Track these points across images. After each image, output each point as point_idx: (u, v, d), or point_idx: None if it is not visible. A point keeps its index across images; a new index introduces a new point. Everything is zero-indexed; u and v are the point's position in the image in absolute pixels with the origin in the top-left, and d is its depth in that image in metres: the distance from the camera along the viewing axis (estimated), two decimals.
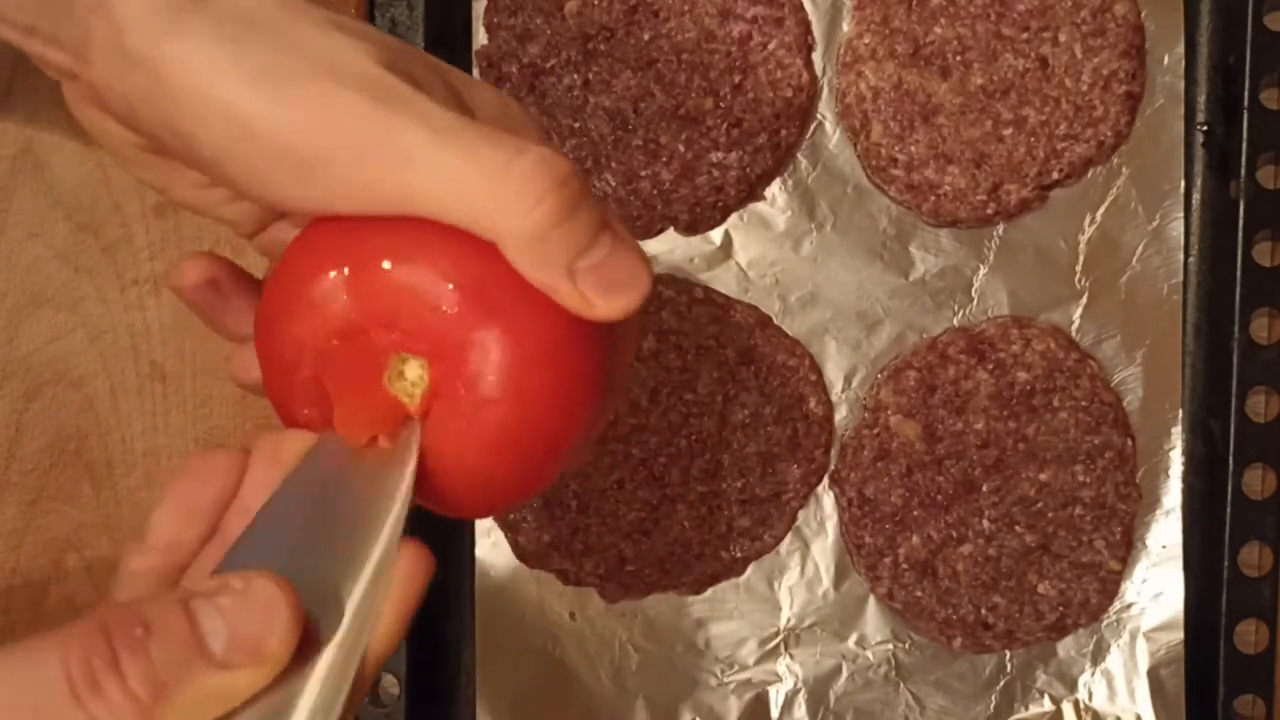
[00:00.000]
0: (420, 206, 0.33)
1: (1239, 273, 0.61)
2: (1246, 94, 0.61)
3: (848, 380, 0.63)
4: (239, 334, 0.41)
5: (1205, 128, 0.64)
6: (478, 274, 0.34)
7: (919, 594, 0.62)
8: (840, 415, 0.63)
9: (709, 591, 0.63)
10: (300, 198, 0.34)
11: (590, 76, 0.61)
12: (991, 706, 0.62)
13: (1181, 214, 0.62)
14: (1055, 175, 0.62)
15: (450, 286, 0.33)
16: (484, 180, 0.33)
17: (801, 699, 0.62)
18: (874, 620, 0.63)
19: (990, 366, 0.62)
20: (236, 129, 0.33)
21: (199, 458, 0.37)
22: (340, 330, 0.34)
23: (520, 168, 0.33)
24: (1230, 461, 0.61)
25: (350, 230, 0.34)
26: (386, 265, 0.34)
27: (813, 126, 0.63)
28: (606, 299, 0.34)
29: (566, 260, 0.33)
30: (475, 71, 0.62)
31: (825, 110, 0.63)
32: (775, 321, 0.62)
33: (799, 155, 0.62)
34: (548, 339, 0.34)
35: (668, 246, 0.62)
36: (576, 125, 0.61)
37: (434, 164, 0.33)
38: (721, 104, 0.61)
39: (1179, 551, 0.62)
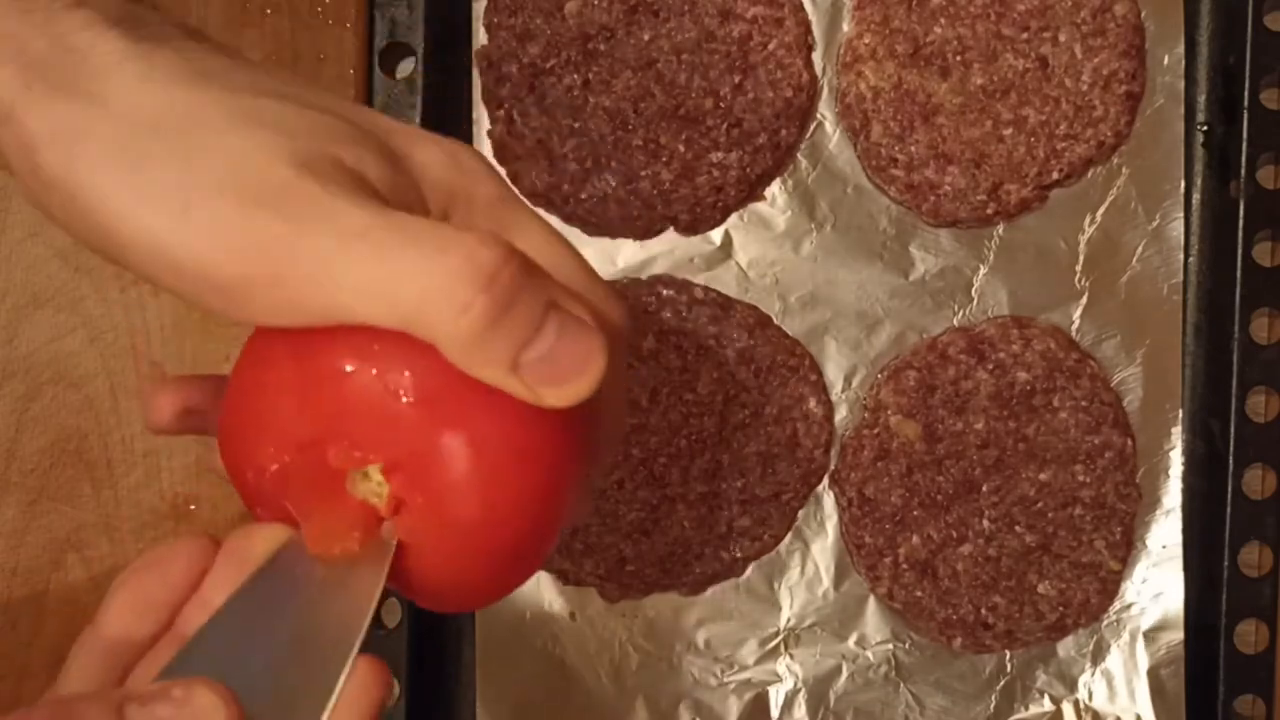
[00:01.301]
0: (350, 318, 0.31)
1: (1239, 273, 0.61)
2: (1246, 94, 0.61)
3: (848, 380, 0.63)
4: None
5: (1205, 128, 0.64)
6: (427, 376, 0.32)
7: (919, 594, 0.62)
8: (840, 415, 0.63)
9: (709, 591, 0.63)
10: (236, 316, 0.32)
11: (590, 76, 0.61)
12: (991, 706, 0.62)
13: (1181, 214, 0.62)
14: (1055, 175, 0.62)
15: (400, 393, 0.32)
16: (408, 286, 0.30)
17: (801, 699, 0.62)
18: (874, 620, 0.63)
19: (990, 366, 0.62)
20: (152, 255, 0.31)
21: (163, 549, 0.35)
22: (296, 445, 0.33)
23: (445, 269, 0.30)
24: (1230, 461, 0.61)
25: (295, 339, 0.32)
26: (336, 373, 0.32)
27: (813, 126, 0.63)
28: (556, 389, 0.31)
29: (509, 357, 0.31)
30: (475, 71, 0.62)
31: (825, 110, 0.63)
32: (775, 321, 0.62)
33: (799, 155, 0.62)
34: (508, 435, 0.32)
35: (668, 246, 0.62)
36: (576, 125, 0.61)
37: (350, 277, 0.30)
38: (721, 104, 0.61)
39: (1179, 551, 0.62)
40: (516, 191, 0.38)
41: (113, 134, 0.31)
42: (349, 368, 0.32)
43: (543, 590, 0.62)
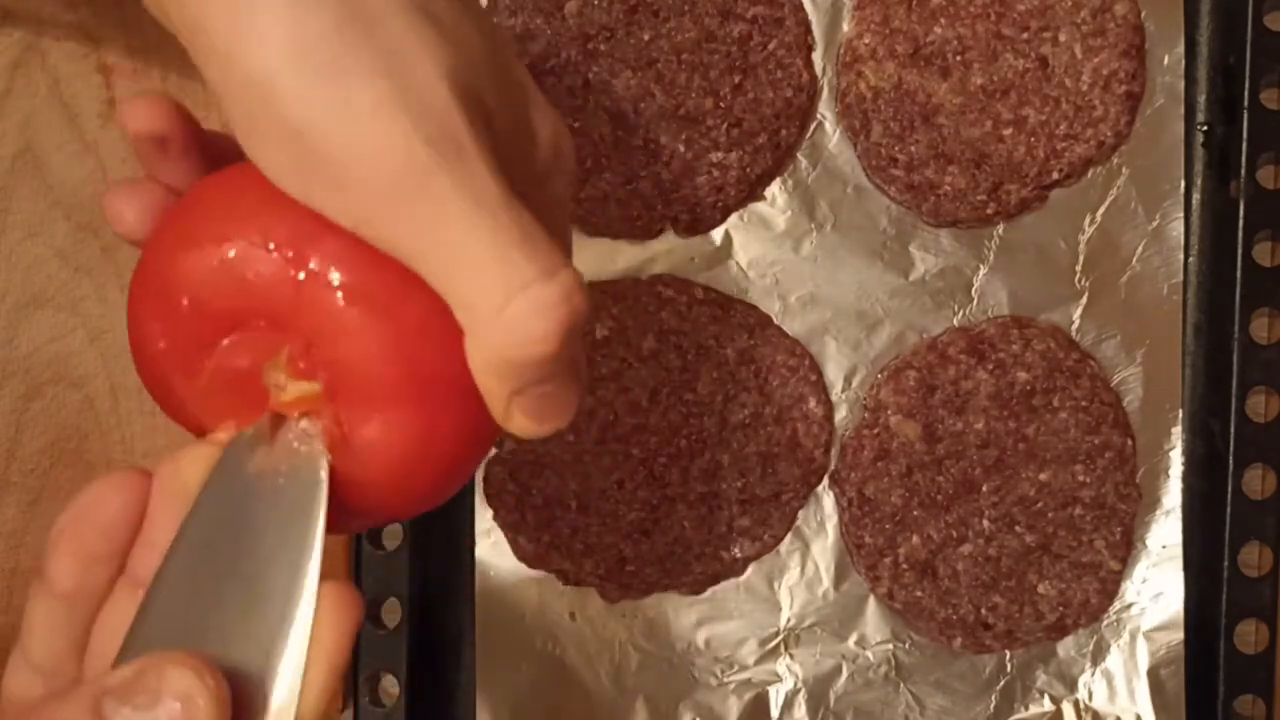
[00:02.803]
0: (417, 265, 0.31)
1: (1239, 273, 0.61)
2: (1246, 94, 0.61)
3: (848, 380, 0.63)
4: (169, 185, 0.36)
5: (1205, 128, 0.64)
6: (411, 330, 0.31)
7: (919, 594, 0.62)
8: (840, 415, 0.63)
9: (709, 591, 0.63)
10: (287, 180, 0.31)
11: (590, 76, 0.61)
12: (991, 706, 0.62)
13: (1181, 214, 0.62)
14: (1055, 175, 0.62)
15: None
16: (497, 286, 0.30)
17: (801, 699, 0.62)
18: (874, 620, 0.63)
19: (990, 366, 0.62)
20: (260, 92, 0.30)
21: (92, 492, 0.33)
22: (237, 308, 0.32)
23: (531, 298, 0.31)
24: (1230, 461, 0.61)
25: (299, 214, 0.31)
26: (330, 259, 0.31)
27: (813, 126, 0.63)
28: (529, 422, 0.33)
29: (519, 386, 0.32)
30: None
31: (825, 110, 0.63)
32: (775, 321, 0.62)
33: (799, 155, 0.62)
34: (451, 427, 0.33)
35: (668, 246, 0.62)
36: (576, 125, 0.61)
37: (462, 238, 0.30)
38: (721, 104, 0.61)
39: (1179, 551, 0.62)
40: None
41: None
42: (341, 266, 0.31)
43: (543, 590, 0.62)
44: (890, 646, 0.63)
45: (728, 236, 0.62)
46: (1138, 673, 0.62)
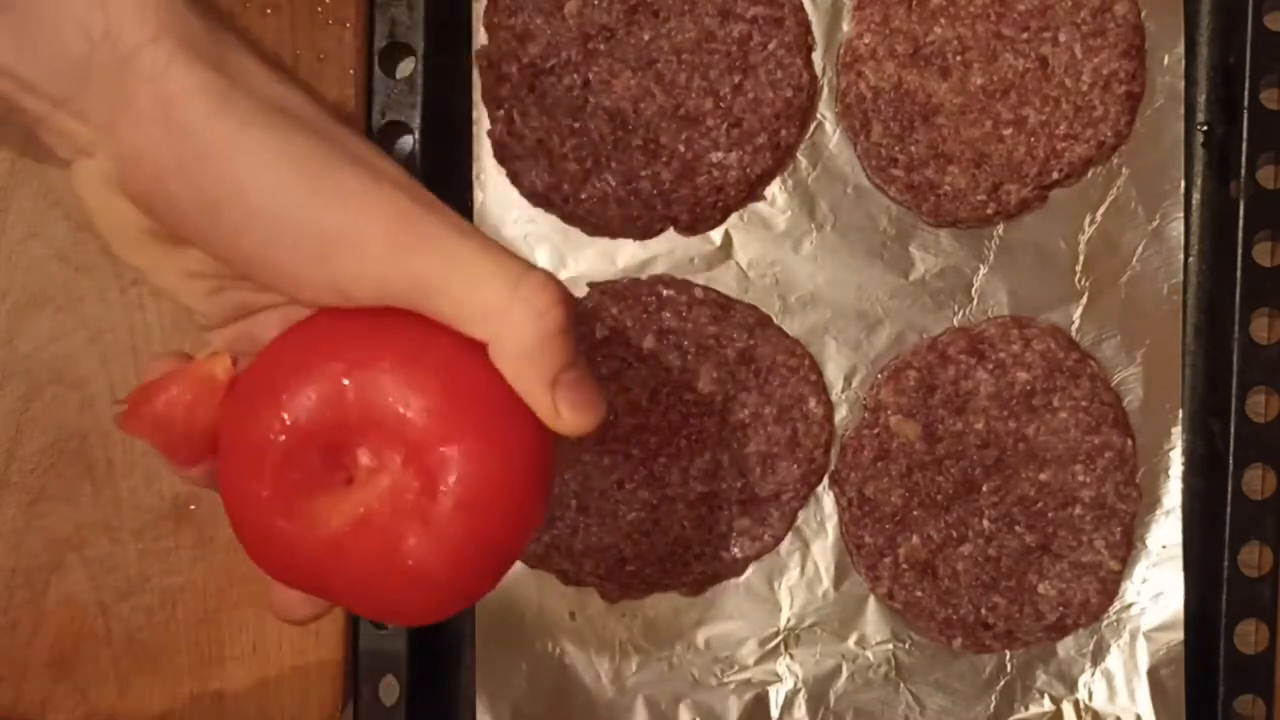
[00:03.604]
0: (433, 299, 0.36)
1: (1239, 273, 0.61)
2: (1246, 94, 0.61)
3: (848, 380, 0.63)
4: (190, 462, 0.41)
5: (1205, 128, 0.64)
6: (459, 382, 0.36)
7: (919, 594, 0.62)
8: (840, 415, 0.63)
9: (709, 591, 0.63)
10: (310, 278, 0.37)
11: (590, 76, 0.61)
12: (991, 706, 0.62)
13: (1181, 214, 0.62)
14: (1055, 175, 0.62)
15: (430, 396, 0.36)
16: (501, 282, 0.36)
17: (801, 699, 0.62)
18: (874, 620, 0.63)
19: (990, 366, 0.62)
20: (273, 205, 0.36)
21: None
22: (315, 428, 0.36)
23: (532, 280, 0.36)
24: (1230, 461, 0.61)
25: (343, 329, 0.37)
26: (381, 368, 0.36)
27: (813, 126, 0.63)
28: (574, 414, 0.37)
29: (554, 370, 0.37)
30: (475, 71, 0.62)
31: (825, 110, 0.63)
32: (775, 321, 0.62)
33: (799, 155, 0.62)
34: (516, 452, 0.37)
35: (668, 246, 0.62)
36: (576, 125, 0.61)
37: (461, 257, 0.36)
38: (721, 104, 0.61)
39: (1179, 551, 0.62)
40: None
41: (256, 102, 0.36)
42: (397, 362, 0.36)
43: (543, 590, 0.62)
44: (890, 646, 0.63)
45: (728, 236, 0.62)
46: (1138, 673, 0.62)
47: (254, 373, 0.38)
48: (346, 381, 0.36)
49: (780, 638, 0.63)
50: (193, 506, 0.61)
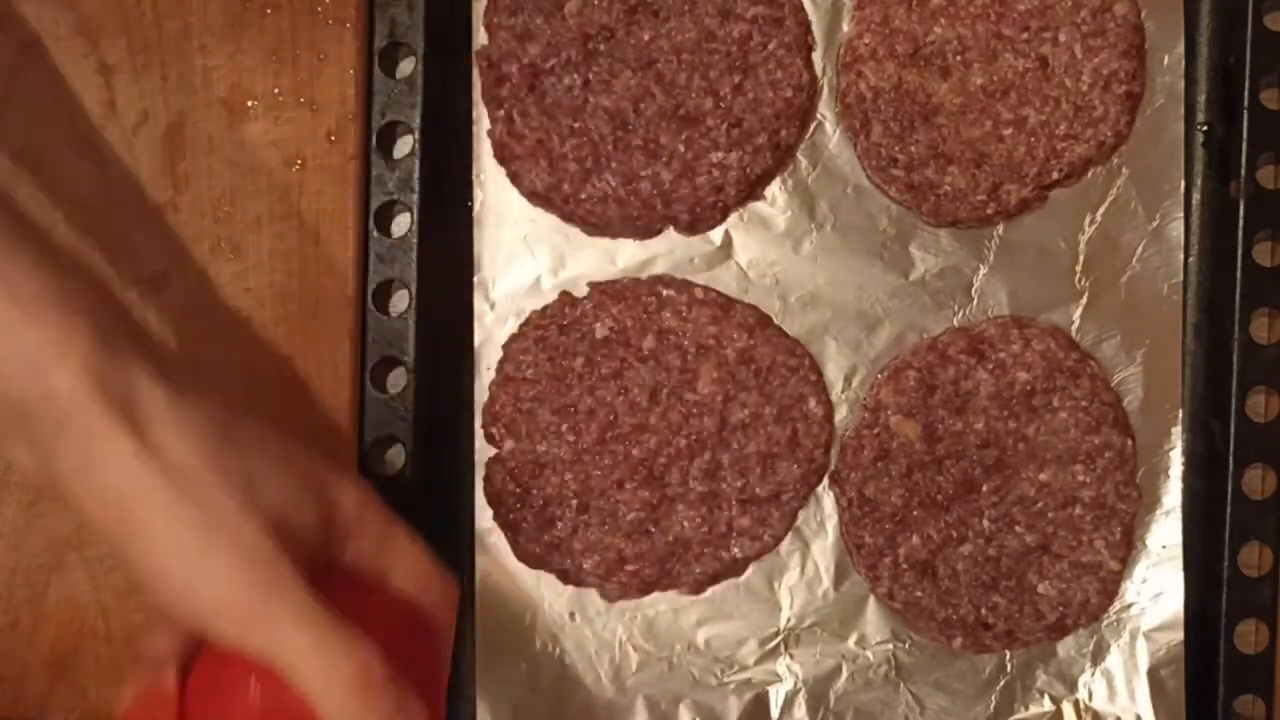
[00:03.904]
0: (274, 661, 0.45)
1: (1239, 273, 0.61)
2: (1246, 94, 0.61)
3: (848, 380, 0.63)
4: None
5: (1205, 128, 0.64)
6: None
7: (919, 594, 0.62)
8: (840, 415, 0.63)
9: (709, 591, 0.63)
10: (192, 625, 0.47)
11: (590, 76, 0.61)
12: (991, 706, 0.62)
13: (1181, 214, 0.62)
14: (1055, 175, 0.62)
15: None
16: (323, 669, 0.45)
17: (801, 699, 0.62)
18: (874, 620, 0.63)
19: (990, 366, 0.62)
20: (162, 569, 0.45)
21: None
22: None
23: (350, 667, 0.45)
24: (1230, 461, 0.61)
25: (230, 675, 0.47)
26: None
27: (813, 126, 0.63)
28: None
29: None
30: (475, 71, 0.62)
31: (825, 110, 0.63)
32: (775, 321, 0.62)
33: (799, 155, 0.62)
34: None
35: (668, 246, 0.62)
36: (576, 125, 0.61)
37: (294, 644, 0.45)
38: (721, 104, 0.61)
39: (1179, 551, 0.62)
40: (393, 521, 0.53)
41: (163, 491, 0.44)
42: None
43: (543, 590, 0.62)
44: (890, 646, 0.63)
45: (728, 236, 0.62)
46: (1138, 673, 0.62)
47: (197, 684, 0.48)
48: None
49: (780, 638, 0.63)
50: None
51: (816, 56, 0.62)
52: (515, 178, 0.62)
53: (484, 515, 0.62)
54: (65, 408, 0.44)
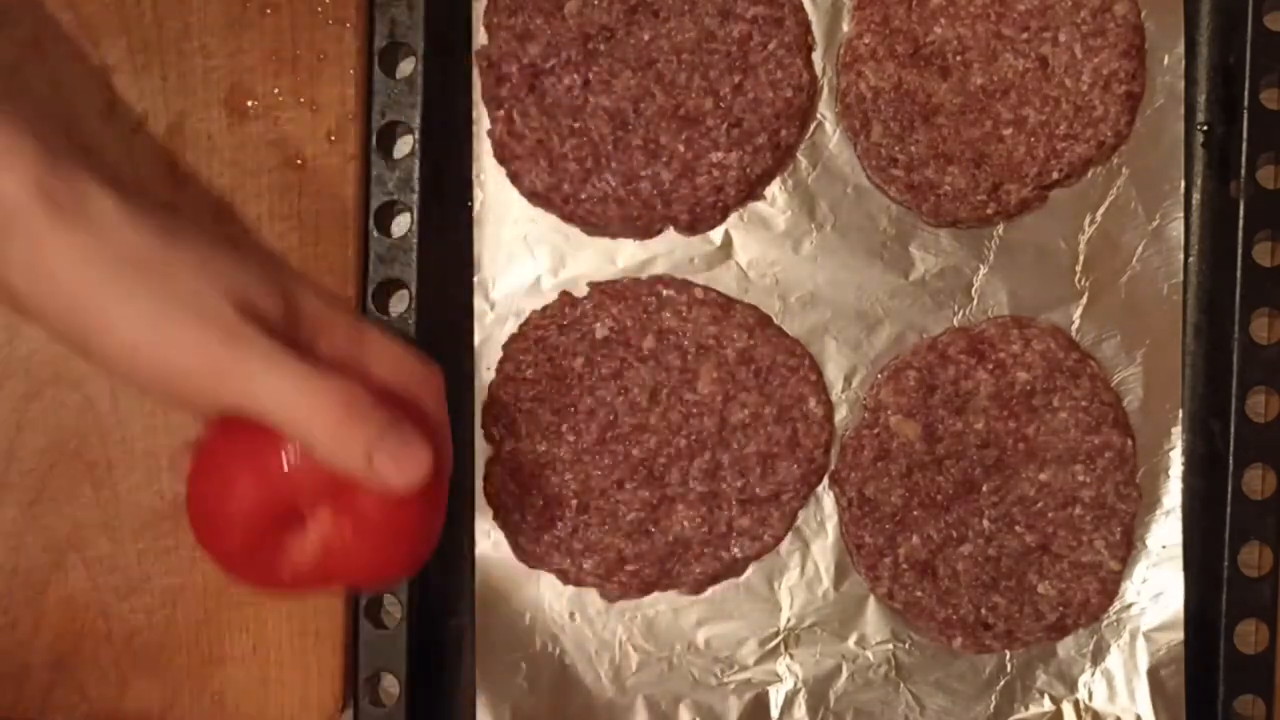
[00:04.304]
0: (257, 416, 0.45)
1: (1239, 273, 0.61)
2: (1246, 94, 0.61)
3: (848, 380, 0.63)
4: None
5: (1205, 128, 0.64)
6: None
7: (919, 594, 0.62)
8: (840, 415, 0.63)
9: (709, 591, 0.63)
10: (164, 398, 0.48)
11: (590, 76, 0.61)
12: (991, 706, 0.62)
13: (1181, 214, 0.62)
14: (1055, 175, 0.62)
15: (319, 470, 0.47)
16: (304, 404, 0.45)
17: (801, 699, 0.62)
18: (874, 620, 0.63)
19: (990, 366, 0.62)
20: (129, 354, 0.45)
21: None
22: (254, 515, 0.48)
23: (326, 390, 0.45)
24: (1230, 461, 0.61)
25: (236, 443, 0.48)
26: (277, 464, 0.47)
27: (813, 126, 0.63)
28: (398, 480, 0.46)
29: (363, 452, 0.45)
30: (475, 71, 0.62)
31: (825, 110, 0.63)
32: (775, 321, 0.62)
33: (799, 155, 0.62)
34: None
35: (668, 246, 0.62)
36: (576, 125, 0.61)
37: (274, 386, 0.45)
38: (721, 104, 0.61)
39: (1179, 551, 0.62)
40: (362, 320, 0.54)
41: (110, 258, 0.45)
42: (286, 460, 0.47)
43: (543, 590, 0.62)
44: (890, 646, 0.63)
45: (728, 236, 0.62)
46: (1138, 673, 0.62)
47: (203, 463, 0.48)
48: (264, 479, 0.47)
49: (780, 638, 0.63)
50: None
51: (816, 56, 0.62)
52: (515, 178, 0.62)
53: (484, 515, 0.62)
54: (11, 210, 0.44)
